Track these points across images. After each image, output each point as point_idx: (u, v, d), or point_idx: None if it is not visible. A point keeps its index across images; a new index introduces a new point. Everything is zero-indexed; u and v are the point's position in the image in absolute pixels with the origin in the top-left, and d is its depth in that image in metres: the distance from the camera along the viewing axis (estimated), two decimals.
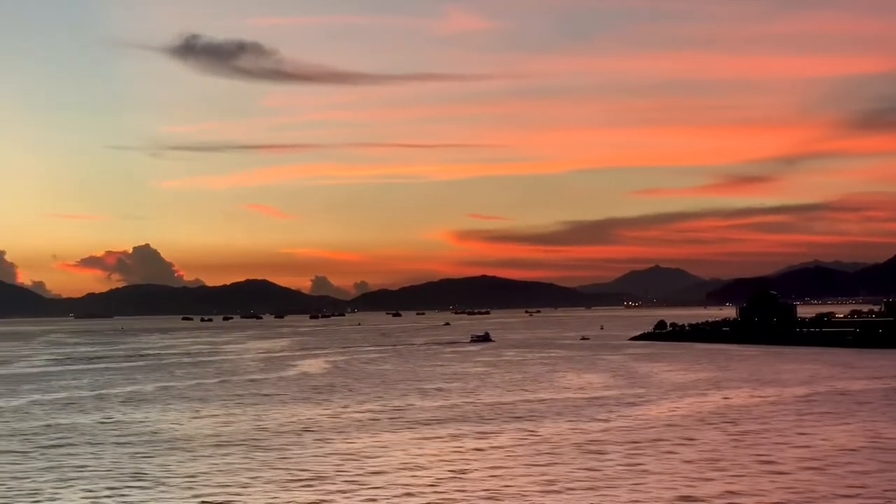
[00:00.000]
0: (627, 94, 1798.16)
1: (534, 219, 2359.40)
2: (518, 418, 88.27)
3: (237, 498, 53.85)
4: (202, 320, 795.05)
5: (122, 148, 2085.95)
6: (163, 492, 55.83)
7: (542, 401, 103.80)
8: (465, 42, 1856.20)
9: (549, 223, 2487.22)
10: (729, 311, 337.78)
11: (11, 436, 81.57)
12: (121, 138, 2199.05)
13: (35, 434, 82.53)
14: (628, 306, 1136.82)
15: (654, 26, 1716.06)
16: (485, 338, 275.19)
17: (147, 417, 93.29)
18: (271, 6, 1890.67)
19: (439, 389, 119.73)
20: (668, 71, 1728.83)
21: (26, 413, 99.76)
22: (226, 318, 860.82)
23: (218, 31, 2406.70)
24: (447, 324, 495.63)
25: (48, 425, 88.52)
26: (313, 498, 53.78)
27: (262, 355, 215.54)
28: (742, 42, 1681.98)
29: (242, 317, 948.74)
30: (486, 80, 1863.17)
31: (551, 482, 56.90)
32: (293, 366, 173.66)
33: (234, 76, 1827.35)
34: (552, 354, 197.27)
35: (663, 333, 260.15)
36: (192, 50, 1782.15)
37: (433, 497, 53.59)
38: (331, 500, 53.19)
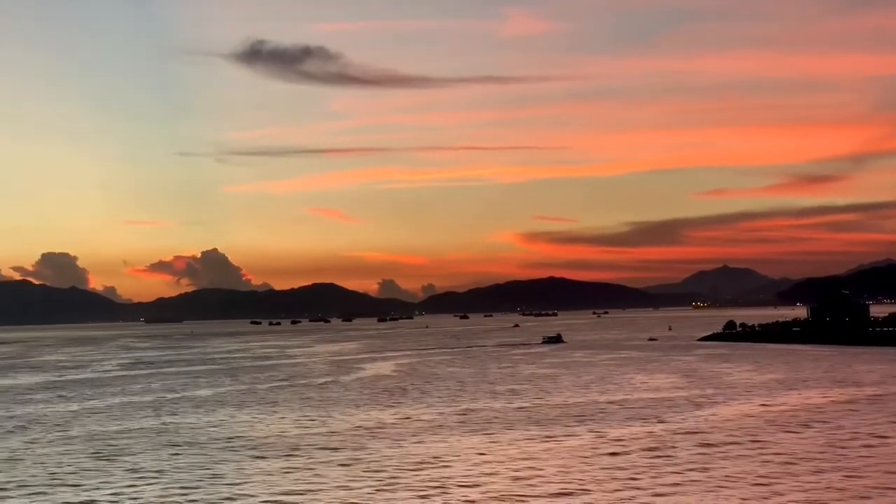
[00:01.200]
0: (692, 94, 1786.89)
1: (600, 220, 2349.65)
2: (588, 420, 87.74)
3: (312, 500, 53.84)
4: (270, 324, 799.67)
5: (189, 154, 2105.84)
6: (239, 493, 56.02)
7: (612, 402, 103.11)
8: (528, 44, 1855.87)
9: (615, 224, 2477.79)
10: (800, 311, 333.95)
11: (87, 439, 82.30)
12: (189, 145, 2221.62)
13: (109, 437, 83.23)
14: (696, 307, 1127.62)
15: (718, 25, 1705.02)
16: (557, 339, 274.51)
17: (219, 421, 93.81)
18: (336, 11, 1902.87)
19: (509, 391, 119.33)
20: (734, 70, 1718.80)
21: (100, 417, 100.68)
22: (294, 322, 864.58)
23: (284, 36, 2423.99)
24: (516, 325, 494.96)
25: (122, 429, 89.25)
26: (389, 500, 53.63)
27: (331, 358, 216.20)
28: (809, 40, 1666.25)
29: (310, 320, 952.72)
30: (550, 82, 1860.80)
31: (623, 484, 56.44)
32: (362, 369, 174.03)
33: (300, 81, 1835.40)
34: (621, 355, 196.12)
35: (733, 334, 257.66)
36: (259, 55, 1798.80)
37: (508, 498, 53.31)
38: (406, 502, 53.05)
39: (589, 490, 54.86)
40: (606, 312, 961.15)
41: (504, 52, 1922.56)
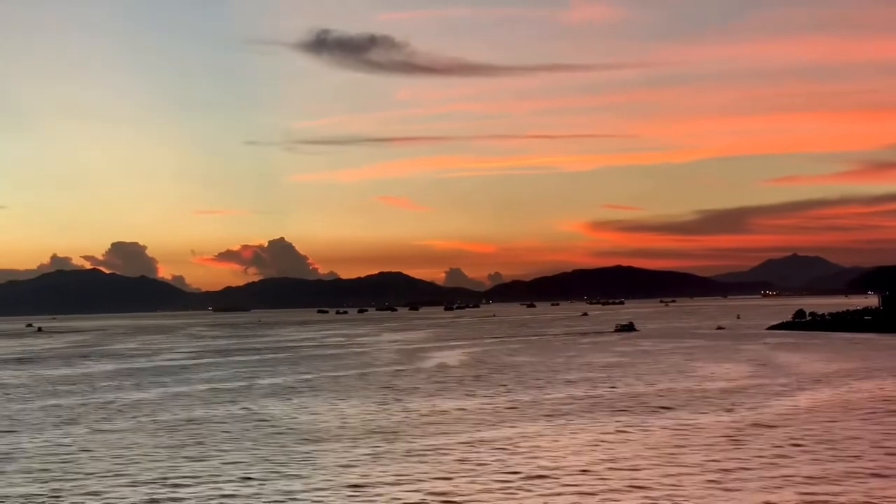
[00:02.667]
0: (761, 80, 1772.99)
1: (667, 208, 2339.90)
2: (658, 409, 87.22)
3: (387, 488, 53.99)
4: (337, 313, 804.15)
5: (257, 143, 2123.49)
6: (314, 481, 56.26)
7: (680, 391, 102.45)
8: (594, 31, 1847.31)
9: (682, 213, 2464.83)
10: (871, 300, 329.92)
11: (157, 428, 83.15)
12: (256, 134, 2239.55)
13: (183, 425, 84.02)
14: (766, 295, 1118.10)
15: (788, 10, 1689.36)
16: (629, 327, 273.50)
17: (288, 409, 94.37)
18: (402, 0, 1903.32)
19: (579, 380, 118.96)
20: (805, 55, 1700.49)
21: (170, 405, 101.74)
22: (361, 311, 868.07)
23: (349, 25, 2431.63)
24: (585, 314, 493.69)
25: (195, 417, 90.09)
26: (463, 488, 53.67)
27: (399, 347, 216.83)
28: (882, 23, 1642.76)
29: (377, 309, 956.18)
30: (617, 69, 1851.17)
31: (693, 473, 56.08)
32: (430, 357, 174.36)
33: (366, 70, 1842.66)
34: (689, 344, 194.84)
35: (803, 323, 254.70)
36: (324, 45, 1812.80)
37: (579, 488, 53.15)
38: (481, 490, 53.04)
39: (658, 480, 54.51)
40: (674, 301, 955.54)
41: (571, 39, 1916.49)
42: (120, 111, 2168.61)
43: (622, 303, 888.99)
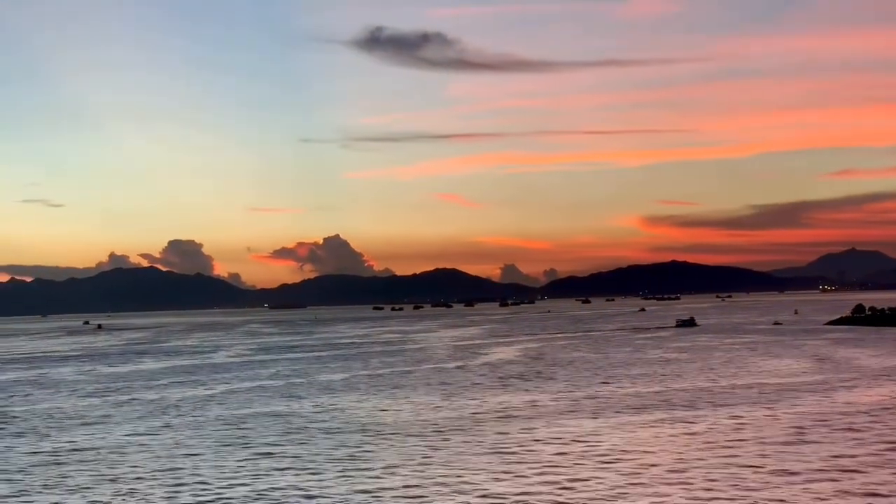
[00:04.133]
0: (818, 73, 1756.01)
1: (723, 203, 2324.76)
2: (715, 404, 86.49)
3: (448, 484, 53.88)
4: (393, 309, 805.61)
5: (312, 141, 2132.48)
6: (374, 477, 56.25)
7: (738, 386, 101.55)
8: (649, 26, 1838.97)
9: (738, 207, 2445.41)
10: None
11: (218, 423, 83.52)
12: (311, 131, 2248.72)
13: (240, 422, 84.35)
14: (824, 290, 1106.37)
15: (846, 2, 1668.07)
16: (690, 322, 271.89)
17: (346, 405, 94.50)
18: None
19: (636, 375, 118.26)
20: (862, 48, 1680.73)
21: (229, 401, 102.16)
22: (416, 307, 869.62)
23: (402, 22, 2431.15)
24: (642, 310, 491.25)
25: (253, 413, 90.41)
26: (530, 482, 53.48)
27: (454, 343, 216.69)
28: None
29: (432, 305, 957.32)
30: (672, 63, 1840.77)
31: (755, 466, 55.59)
32: (485, 353, 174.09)
33: (419, 66, 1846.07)
34: (746, 339, 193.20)
35: (862, 318, 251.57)
36: (378, 42, 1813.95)
37: (637, 480, 52.79)
38: (548, 483, 52.83)
39: (714, 475, 54.02)
40: (730, 296, 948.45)
41: (626, 34, 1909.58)
42: (177, 110, 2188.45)
43: (678, 298, 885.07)
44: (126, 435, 78.17)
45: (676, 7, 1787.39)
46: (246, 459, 63.73)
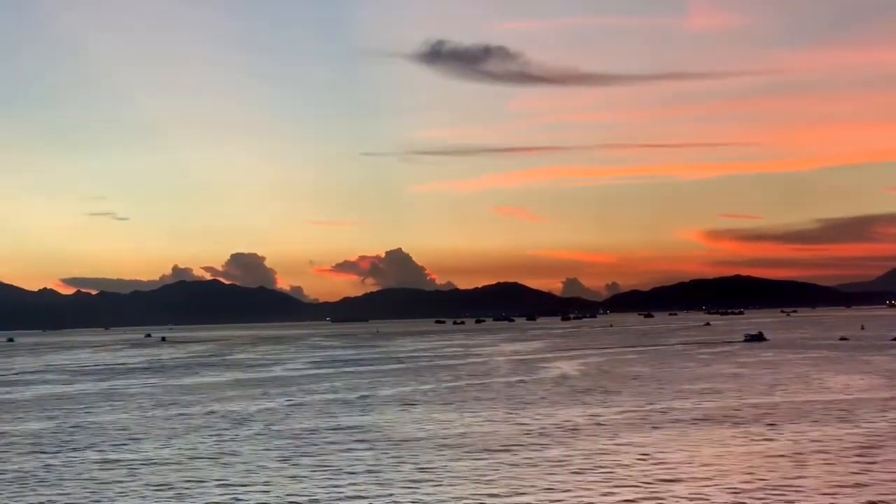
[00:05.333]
0: (884, 86, 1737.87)
1: (788, 217, 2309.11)
2: (784, 420, 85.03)
3: (510, 499, 53.25)
4: (454, 323, 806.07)
5: (374, 154, 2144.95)
6: (436, 492, 55.69)
7: (807, 402, 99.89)
8: (713, 39, 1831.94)
9: (804, 221, 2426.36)
10: None
11: (282, 437, 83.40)
12: (373, 145, 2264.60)
13: (305, 435, 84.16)
14: (891, 305, 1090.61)
15: None
16: (758, 337, 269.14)
17: (410, 419, 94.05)
18: (516, 10, 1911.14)
19: (700, 390, 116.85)
20: None
21: (293, 414, 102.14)
22: (478, 321, 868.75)
23: (464, 36, 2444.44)
24: (707, 324, 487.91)
25: (315, 427, 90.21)
26: (598, 499, 52.66)
27: (517, 357, 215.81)
28: None
29: (494, 319, 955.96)
30: (735, 77, 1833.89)
31: (823, 485, 54.38)
32: (550, 367, 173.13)
33: (481, 80, 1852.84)
34: (814, 355, 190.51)
35: None
36: (439, 55, 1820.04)
37: (715, 498, 51.80)
38: (617, 501, 52.13)
39: (781, 491, 52.93)
40: (795, 311, 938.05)
41: (688, 47, 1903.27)
42: (239, 123, 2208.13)
43: (741, 313, 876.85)
44: (191, 447, 78.19)
45: (739, 20, 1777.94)
46: (311, 472, 63.41)
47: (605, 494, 54.12)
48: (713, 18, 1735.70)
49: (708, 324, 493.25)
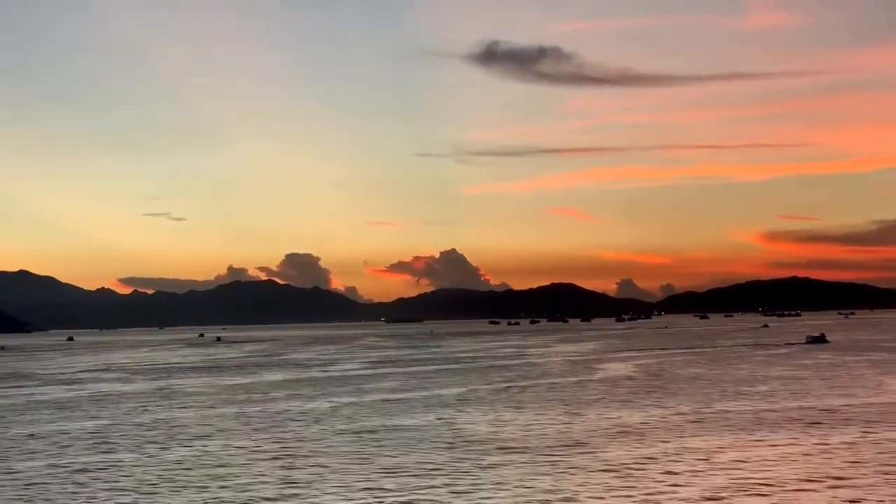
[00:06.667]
0: None
1: (846, 218, 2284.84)
2: (844, 422, 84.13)
3: (569, 500, 53.01)
4: (509, 324, 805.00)
5: (428, 155, 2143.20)
6: (505, 491, 55.59)
7: (868, 405, 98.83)
8: (770, 38, 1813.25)
9: (862, 223, 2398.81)
10: None
11: (339, 437, 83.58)
12: (427, 145, 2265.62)
13: (362, 434, 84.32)
14: None
15: None
16: (820, 339, 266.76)
17: (466, 420, 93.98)
18: (571, 11, 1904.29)
19: (762, 392, 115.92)
20: None
21: (349, 414, 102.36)
22: (532, 322, 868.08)
23: (519, 36, 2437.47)
24: (765, 326, 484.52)
25: (373, 426, 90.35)
26: (650, 500, 52.32)
27: (571, 358, 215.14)
28: None
29: (549, 320, 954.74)
30: (793, 76, 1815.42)
31: (884, 488, 53.74)
32: (603, 369, 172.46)
33: (536, 81, 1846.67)
34: (875, 357, 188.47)
35: None
36: (494, 56, 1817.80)
37: (769, 499, 51.45)
38: (670, 501, 51.77)
39: (840, 494, 52.33)
40: (853, 313, 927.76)
41: (745, 47, 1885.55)
42: (294, 124, 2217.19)
43: (799, 314, 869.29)
44: (247, 446, 78.58)
45: (797, 19, 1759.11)
46: (370, 472, 63.50)
47: (664, 496, 53.79)
48: (771, 18, 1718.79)
49: (766, 325, 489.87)
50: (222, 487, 59.68)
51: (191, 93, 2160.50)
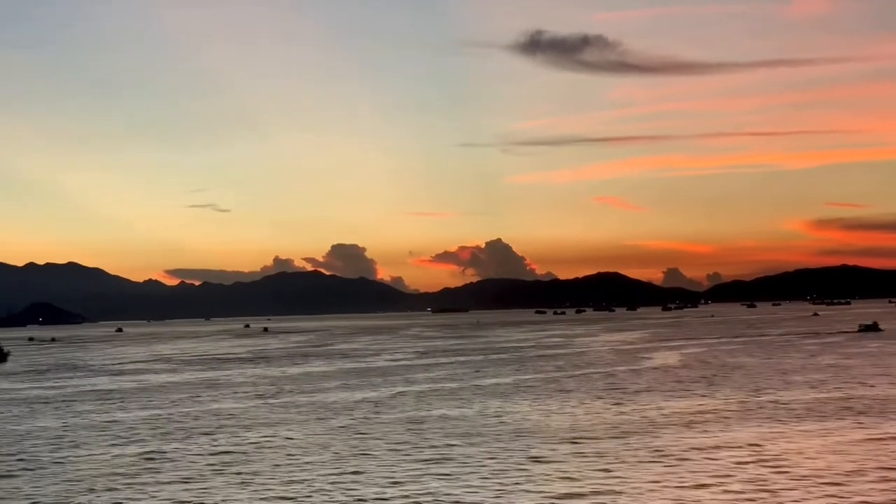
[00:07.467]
0: None
1: (894, 206, 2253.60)
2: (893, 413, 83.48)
3: (614, 489, 52.89)
4: (555, 313, 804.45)
5: (473, 145, 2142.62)
6: (557, 481, 55.53)
7: None
8: (815, 25, 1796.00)
9: None
10: None
11: (388, 426, 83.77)
12: (472, 136, 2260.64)
13: (411, 424, 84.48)
14: None
15: None
16: (873, 327, 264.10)
17: (515, 409, 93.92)
18: None
19: (812, 381, 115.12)
20: None
21: (398, 404, 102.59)
22: (578, 311, 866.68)
23: (562, 25, 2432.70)
24: (815, 314, 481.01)
25: (422, 416, 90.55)
26: (707, 492, 52.12)
27: (618, 347, 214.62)
28: None
29: (595, 309, 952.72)
30: (838, 63, 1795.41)
31: None
32: (650, 358, 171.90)
33: (580, 70, 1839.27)
34: None
35: None
36: (538, 46, 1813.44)
37: (819, 489, 51.02)
38: (726, 492, 51.43)
39: (892, 485, 51.98)
40: None
41: (790, 33, 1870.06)
42: (338, 115, 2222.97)
43: (848, 303, 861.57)
44: (298, 436, 78.97)
45: (842, 6, 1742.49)
46: (420, 462, 63.68)
47: (712, 486, 53.57)
48: (816, 4, 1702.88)
49: (816, 314, 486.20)
50: (271, 477, 60.01)
51: (236, 86, 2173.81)
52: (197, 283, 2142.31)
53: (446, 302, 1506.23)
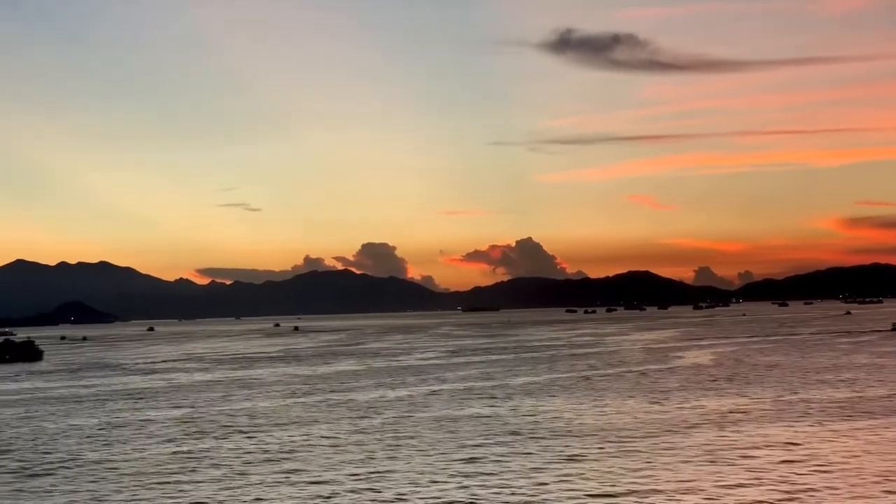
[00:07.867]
0: None
1: None
2: None
3: (658, 490, 52.71)
4: (585, 312, 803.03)
5: (503, 144, 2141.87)
6: (592, 480, 55.40)
7: None
8: (848, 22, 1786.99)
9: None
10: None
11: (420, 425, 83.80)
12: (501, 134, 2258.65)
13: (443, 423, 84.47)
14: None
15: None
16: None
17: (547, 408, 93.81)
18: None
19: (846, 380, 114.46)
20: None
21: (429, 403, 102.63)
22: (609, 310, 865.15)
23: (592, 24, 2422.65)
24: (848, 313, 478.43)
25: (454, 415, 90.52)
26: (742, 491, 51.87)
27: (649, 346, 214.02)
28: None
29: (625, 308, 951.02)
30: (872, 60, 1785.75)
31: None
32: (682, 357, 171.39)
33: (610, 69, 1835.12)
34: None
35: None
36: (568, 44, 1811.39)
37: (853, 489, 50.74)
38: (763, 491, 51.21)
39: None
40: None
41: (821, 31, 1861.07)
42: (368, 114, 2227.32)
43: (880, 302, 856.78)
44: (331, 434, 79.09)
45: (874, 3, 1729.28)
46: (454, 461, 63.63)
47: (745, 486, 53.34)
48: (846, 1, 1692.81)
49: (848, 313, 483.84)
50: (306, 475, 60.13)
51: (267, 85, 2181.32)
52: (228, 282, 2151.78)
53: (477, 301, 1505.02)
